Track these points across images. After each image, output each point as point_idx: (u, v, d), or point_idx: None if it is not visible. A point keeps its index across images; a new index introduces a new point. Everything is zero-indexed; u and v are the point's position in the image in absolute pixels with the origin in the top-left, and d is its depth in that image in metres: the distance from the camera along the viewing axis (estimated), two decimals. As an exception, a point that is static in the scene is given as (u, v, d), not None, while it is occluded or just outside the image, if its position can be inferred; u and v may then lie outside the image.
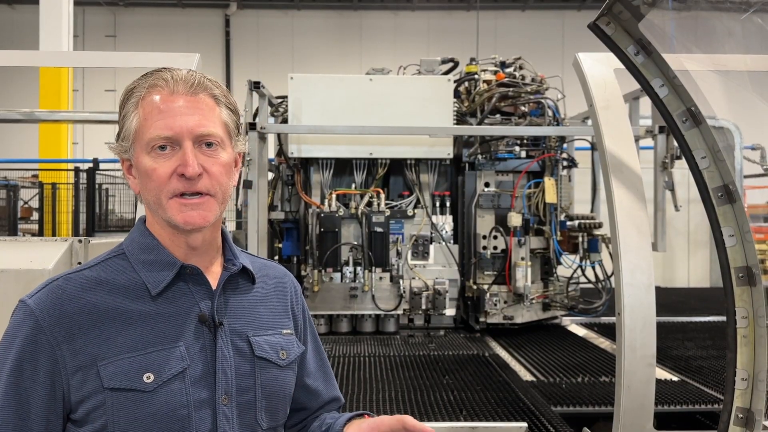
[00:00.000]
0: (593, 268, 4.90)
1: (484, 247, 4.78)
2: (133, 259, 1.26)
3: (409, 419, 1.26)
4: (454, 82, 4.95)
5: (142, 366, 1.17)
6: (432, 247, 4.88)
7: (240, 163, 1.32)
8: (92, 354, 1.16)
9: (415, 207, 4.90)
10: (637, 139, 4.33)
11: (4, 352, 1.16)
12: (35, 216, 10.69)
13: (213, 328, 1.24)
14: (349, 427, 1.35)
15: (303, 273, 4.75)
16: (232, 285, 1.31)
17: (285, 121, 4.89)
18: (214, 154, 1.23)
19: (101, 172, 9.26)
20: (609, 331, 4.66)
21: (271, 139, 5.25)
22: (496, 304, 4.69)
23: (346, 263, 4.73)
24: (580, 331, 4.82)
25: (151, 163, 1.20)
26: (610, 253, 4.74)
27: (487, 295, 4.69)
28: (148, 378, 1.16)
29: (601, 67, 2.38)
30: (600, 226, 4.87)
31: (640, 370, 2.11)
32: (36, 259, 2.33)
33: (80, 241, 2.51)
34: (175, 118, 1.19)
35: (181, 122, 1.20)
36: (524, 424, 2.64)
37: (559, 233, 4.81)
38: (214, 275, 1.29)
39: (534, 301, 4.73)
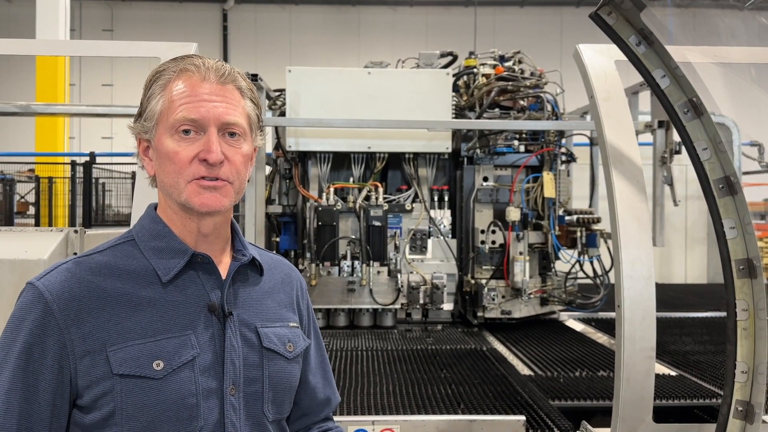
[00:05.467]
0: (591, 263, 4.89)
1: (483, 242, 4.77)
2: (143, 245, 1.25)
3: None
4: (453, 75, 4.93)
5: (152, 353, 1.16)
6: (430, 242, 4.86)
7: (254, 158, 1.33)
8: (101, 339, 1.15)
9: (413, 201, 4.89)
10: (636, 134, 4.31)
11: (13, 334, 1.15)
12: (32, 210, 10.67)
13: (222, 318, 1.24)
14: None
15: (301, 267, 4.73)
16: (241, 276, 1.31)
17: (283, 114, 4.87)
18: (237, 144, 1.24)
19: (98, 166, 9.24)
20: (607, 327, 4.66)
21: (269, 133, 5.23)
22: (494, 299, 4.68)
23: (344, 257, 4.71)
24: (578, 326, 4.82)
25: (173, 146, 1.20)
26: (608, 248, 4.74)
27: (485, 289, 4.67)
28: (158, 365, 1.16)
29: (602, 59, 2.36)
30: (598, 221, 4.86)
31: (639, 363, 2.10)
32: (31, 249, 2.31)
33: (76, 231, 2.48)
34: (203, 104, 1.20)
35: (209, 108, 1.20)
36: (522, 417, 2.63)
37: (557, 228, 4.80)
38: (223, 265, 1.29)
39: (532, 296, 4.72)
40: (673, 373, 3.45)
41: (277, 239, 4.95)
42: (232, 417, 1.21)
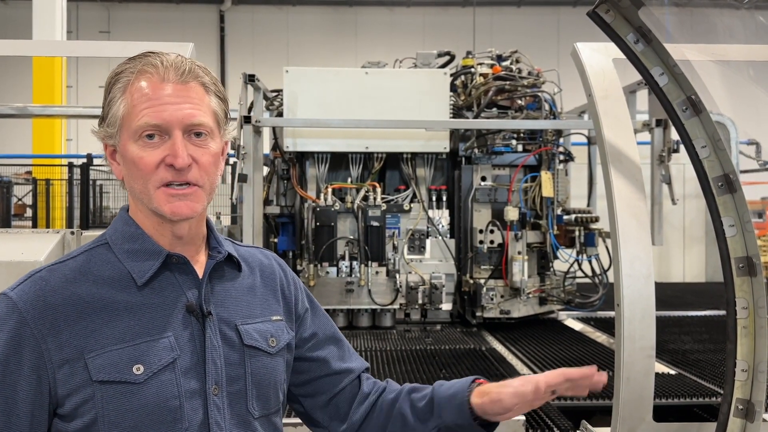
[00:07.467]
0: (590, 262, 4.89)
1: (481, 242, 4.76)
2: (116, 248, 1.23)
3: (571, 372, 1.24)
4: (451, 75, 4.92)
5: (131, 357, 1.15)
6: (428, 242, 4.85)
7: (227, 151, 1.30)
8: (79, 347, 1.13)
9: (411, 201, 4.87)
10: (634, 133, 4.30)
11: None
12: (29, 213, 10.65)
13: (201, 318, 1.22)
14: (478, 396, 1.31)
15: (299, 268, 4.73)
16: (218, 273, 1.29)
17: (280, 114, 4.86)
18: (204, 144, 1.20)
19: (95, 167, 9.23)
20: (605, 326, 4.65)
21: (267, 133, 5.22)
22: (492, 299, 4.68)
23: (342, 258, 4.70)
24: (577, 326, 4.81)
25: (138, 152, 1.17)
26: (606, 247, 4.74)
27: (484, 289, 4.67)
28: (138, 369, 1.14)
29: (600, 57, 2.36)
30: (597, 220, 4.85)
31: (639, 362, 2.10)
32: (27, 251, 2.30)
33: (72, 233, 2.48)
34: (165, 107, 1.16)
35: (172, 111, 1.16)
36: (522, 417, 2.62)
37: (555, 227, 4.80)
38: (199, 264, 1.27)
39: (531, 296, 4.71)
40: (672, 372, 3.45)
41: (276, 240, 4.94)
42: (216, 417, 1.19)
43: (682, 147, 3.42)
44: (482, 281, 4.70)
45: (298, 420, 1.62)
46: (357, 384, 1.45)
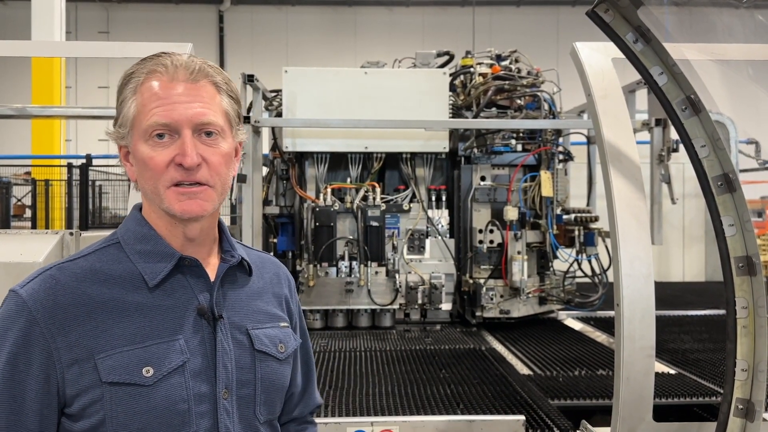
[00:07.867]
0: (589, 261, 4.89)
1: (480, 241, 4.76)
2: (128, 248, 1.22)
3: None
4: (450, 75, 4.92)
5: (141, 359, 1.14)
6: (428, 242, 4.85)
7: (240, 153, 1.29)
8: (88, 347, 1.13)
9: (410, 201, 4.87)
10: (633, 133, 4.30)
11: None
12: (28, 213, 10.65)
13: (212, 321, 1.22)
14: None
15: (298, 268, 4.72)
16: (230, 277, 1.28)
17: (279, 114, 4.86)
18: (214, 143, 1.19)
19: (94, 168, 9.23)
20: (605, 325, 4.65)
21: (266, 134, 5.22)
22: (492, 299, 4.67)
23: (342, 258, 4.70)
24: (577, 325, 4.81)
25: (148, 152, 1.17)
26: (606, 247, 4.74)
27: (484, 289, 4.67)
28: (148, 372, 1.14)
29: (599, 56, 2.35)
30: (596, 219, 4.85)
31: (639, 362, 2.10)
32: (26, 251, 2.30)
33: (71, 233, 2.47)
34: (174, 106, 1.16)
35: (181, 110, 1.16)
36: (522, 417, 2.62)
37: (555, 227, 4.80)
38: (211, 267, 1.27)
39: (530, 295, 4.71)
40: (672, 372, 3.45)
41: (275, 240, 4.94)
42: (225, 421, 1.19)
43: (681, 146, 3.42)
44: (482, 281, 4.70)
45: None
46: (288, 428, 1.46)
